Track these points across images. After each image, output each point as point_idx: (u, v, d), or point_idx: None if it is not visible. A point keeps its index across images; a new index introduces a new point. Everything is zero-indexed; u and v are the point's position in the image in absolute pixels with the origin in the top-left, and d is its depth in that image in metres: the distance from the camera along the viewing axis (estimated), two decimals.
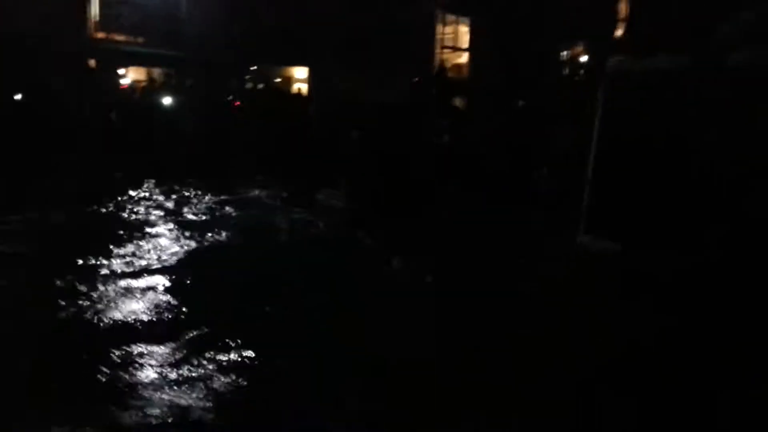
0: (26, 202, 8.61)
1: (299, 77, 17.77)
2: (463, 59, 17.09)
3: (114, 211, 8.94)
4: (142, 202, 9.57)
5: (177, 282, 5.92)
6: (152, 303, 5.36)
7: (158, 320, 5.01)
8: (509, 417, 3.68)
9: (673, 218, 6.31)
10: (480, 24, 15.91)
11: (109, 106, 12.50)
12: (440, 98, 12.91)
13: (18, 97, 12.26)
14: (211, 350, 4.40)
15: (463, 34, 17.00)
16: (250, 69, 16.08)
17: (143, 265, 6.40)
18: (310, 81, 17.25)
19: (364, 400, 3.83)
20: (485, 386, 3.98)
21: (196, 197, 10.20)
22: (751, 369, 4.13)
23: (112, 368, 4.10)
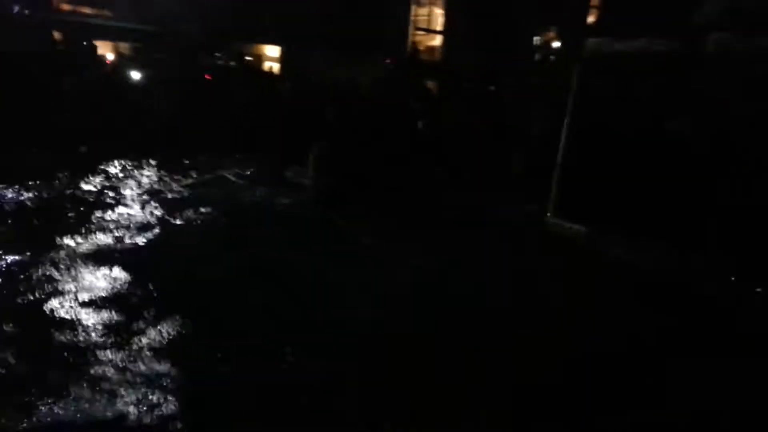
0: None
1: (271, 55, 17.58)
2: (437, 42, 17.07)
3: (69, 187, 8.65)
4: (99, 178, 9.31)
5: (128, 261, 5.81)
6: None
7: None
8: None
9: (646, 202, 6.40)
10: (454, 7, 15.88)
11: (91, 82, 12.12)
12: (413, 80, 12.92)
13: None
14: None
15: (438, 17, 16.97)
16: (221, 45, 15.83)
17: (95, 241, 6.33)
18: (282, 59, 17.07)
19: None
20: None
21: (156, 173, 9.95)
22: None
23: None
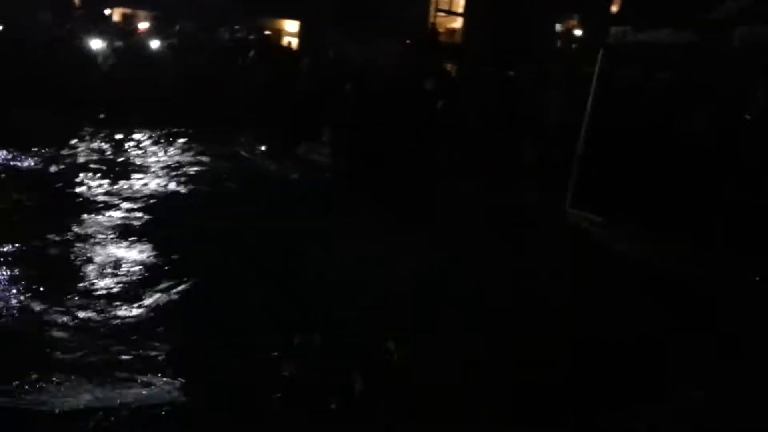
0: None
1: (290, 30, 17.49)
2: (457, 24, 16.92)
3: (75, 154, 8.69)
4: (110, 146, 9.34)
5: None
6: None
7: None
8: None
9: (669, 195, 6.29)
10: None
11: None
12: (432, 61, 12.82)
13: None
14: None
15: None
16: (242, 19, 15.77)
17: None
18: (301, 35, 16.98)
19: None
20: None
21: (169, 143, 9.96)
22: None
23: None
